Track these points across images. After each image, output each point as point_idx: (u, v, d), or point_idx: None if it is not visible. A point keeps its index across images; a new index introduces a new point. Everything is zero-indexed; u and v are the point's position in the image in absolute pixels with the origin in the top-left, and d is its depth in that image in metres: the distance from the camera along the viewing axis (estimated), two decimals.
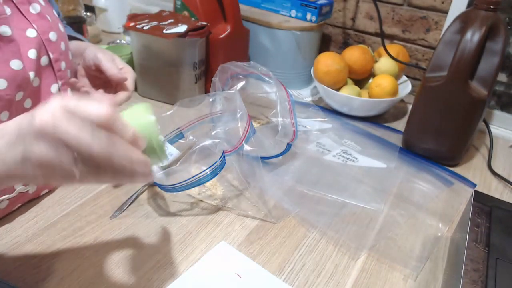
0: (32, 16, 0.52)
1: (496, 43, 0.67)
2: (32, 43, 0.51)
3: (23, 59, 0.49)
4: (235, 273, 0.52)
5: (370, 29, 1.05)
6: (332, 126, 0.87)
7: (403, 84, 0.94)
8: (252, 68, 0.73)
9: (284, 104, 0.72)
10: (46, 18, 0.54)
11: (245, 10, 1.02)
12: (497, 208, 0.55)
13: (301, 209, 0.64)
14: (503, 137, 0.89)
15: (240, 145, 0.61)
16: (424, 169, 0.76)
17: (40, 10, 0.54)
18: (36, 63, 0.52)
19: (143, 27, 0.83)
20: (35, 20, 0.53)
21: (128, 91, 0.62)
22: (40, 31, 0.53)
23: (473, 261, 0.47)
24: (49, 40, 0.54)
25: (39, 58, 0.53)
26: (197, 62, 0.88)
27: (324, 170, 0.73)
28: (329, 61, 0.88)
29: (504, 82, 0.90)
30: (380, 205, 0.66)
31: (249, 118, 0.64)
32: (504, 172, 0.78)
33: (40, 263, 0.51)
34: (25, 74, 0.50)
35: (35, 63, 0.51)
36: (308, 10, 0.97)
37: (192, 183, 0.57)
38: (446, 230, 0.63)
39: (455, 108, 0.71)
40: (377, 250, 0.58)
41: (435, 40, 0.97)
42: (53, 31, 0.55)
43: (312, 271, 0.54)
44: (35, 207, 0.60)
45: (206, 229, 0.59)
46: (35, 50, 0.51)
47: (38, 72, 0.53)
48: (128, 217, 0.60)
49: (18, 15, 0.51)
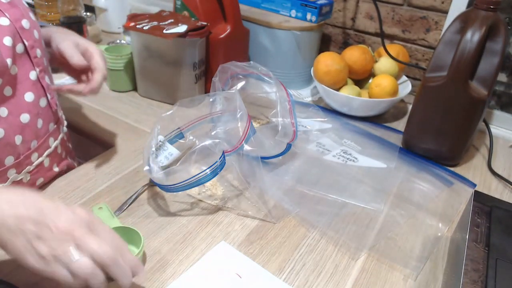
0: (3, 5, 0.53)
1: (496, 43, 0.67)
2: (6, 31, 0.52)
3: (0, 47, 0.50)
4: (235, 273, 0.52)
5: (370, 29, 1.05)
6: (332, 126, 0.87)
7: (403, 84, 0.94)
8: (252, 68, 0.73)
9: (284, 104, 0.72)
10: (17, 6, 0.55)
11: (245, 10, 1.02)
12: (497, 208, 0.55)
13: (301, 209, 0.64)
14: (503, 137, 0.89)
15: (240, 145, 0.61)
16: (424, 169, 0.76)
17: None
18: (12, 51, 0.53)
19: (143, 27, 0.83)
20: (7, 9, 0.54)
21: (99, 70, 0.62)
22: (13, 19, 0.54)
23: (473, 261, 0.47)
24: (22, 27, 0.55)
25: (14, 46, 0.54)
26: (197, 62, 0.88)
27: (324, 170, 0.73)
28: (329, 61, 0.88)
29: (504, 82, 0.90)
30: (380, 205, 0.66)
31: (249, 118, 0.64)
32: (504, 172, 0.78)
33: None
34: (3, 61, 0.51)
35: (11, 50, 0.53)
36: (308, 10, 0.97)
37: (192, 183, 0.57)
38: (446, 230, 0.63)
39: (455, 108, 0.71)
40: (377, 250, 0.58)
41: (435, 40, 0.97)
42: (25, 19, 0.56)
43: (312, 271, 0.54)
44: None
45: (206, 229, 0.59)
46: (10, 37, 0.53)
47: (14, 59, 0.54)
48: (128, 217, 0.60)
49: None
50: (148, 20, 0.86)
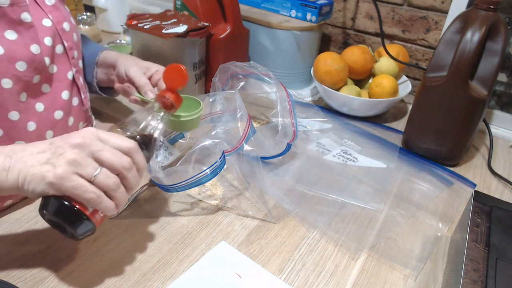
0: (47, 7, 0.58)
1: (496, 43, 0.67)
2: (48, 32, 0.56)
3: (40, 45, 0.54)
4: (235, 273, 0.52)
5: (370, 29, 1.05)
6: (332, 126, 0.87)
7: (403, 84, 0.94)
8: (252, 68, 0.73)
9: (284, 104, 0.72)
10: (60, 10, 0.60)
11: (245, 10, 1.02)
12: (497, 208, 0.55)
13: (301, 209, 0.64)
14: (503, 137, 0.90)
15: (240, 145, 0.61)
16: (424, 169, 0.76)
17: (55, 2, 0.59)
18: (51, 50, 0.57)
19: (144, 26, 0.83)
20: (51, 11, 0.58)
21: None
22: (55, 21, 0.58)
23: (473, 261, 0.47)
24: (63, 29, 0.60)
25: (54, 46, 0.58)
26: (197, 62, 0.88)
27: (324, 170, 0.73)
28: (329, 61, 0.88)
29: (504, 82, 0.90)
30: (380, 205, 0.66)
31: (249, 118, 0.64)
32: (504, 172, 0.78)
33: (40, 263, 0.51)
34: (42, 58, 0.55)
35: (50, 50, 0.57)
36: (308, 10, 0.97)
37: (192, 183, 0.57)
38: (446, 230, 0.63)
39: (455, 108, 0.71)
40: (377, 250, 0.58)
41: (435, 40, 0.97)
42: (66, 22, 0.60)
43: (312, 271, 0.54)
44: (35, 207, 0.60)
45: (206, 229, 0.59)
46: (50, 38, 0.57)
47: (53, 58, 0.58)
48: (128, 217, 0.60)
49: (35, 6, 0.56)
50: (151, 19, 0.86)
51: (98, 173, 0.43)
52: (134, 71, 0.66)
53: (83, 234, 0.46)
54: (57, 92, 0.59)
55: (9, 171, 0.42)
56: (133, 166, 0.46)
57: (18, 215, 0.58)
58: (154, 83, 0.66)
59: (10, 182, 0.41)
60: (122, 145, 0.45)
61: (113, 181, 0.44)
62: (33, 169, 0.41)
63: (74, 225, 0.44)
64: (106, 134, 0.45)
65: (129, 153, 0.45)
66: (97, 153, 0.43)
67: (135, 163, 0.46)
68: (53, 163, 0.42)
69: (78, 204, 0.43)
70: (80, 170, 0.42)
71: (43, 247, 0.54)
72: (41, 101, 0.57)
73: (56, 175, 0.41)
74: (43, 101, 0.58)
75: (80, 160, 0.42)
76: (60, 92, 0.60)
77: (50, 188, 0.42)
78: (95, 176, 0.42)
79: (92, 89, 0.74)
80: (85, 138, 0.43)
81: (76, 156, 0.42)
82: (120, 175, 0.45)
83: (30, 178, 0.41)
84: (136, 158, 0.46)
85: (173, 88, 0.55)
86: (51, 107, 0.59)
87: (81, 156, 0.42)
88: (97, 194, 0.43)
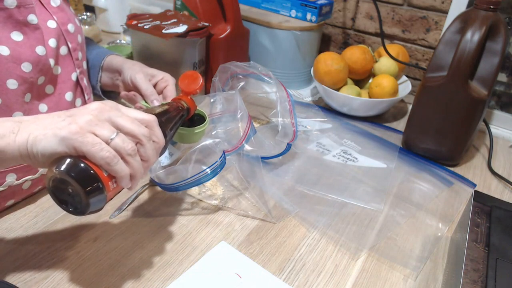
0: (52, 9, 0.58)
1: (496, 43, 0.67)
2: (52, 33, 0.57)
3: (45, 46, 0.55)
4: (235, 273, 0.52)
5: (370, 29, 1.05)
6: (332, 126, 0.87)
7: (403, 84, 0.94)
8: (252, 68, 0.73)
9: (284, 104, 0.72)
10: (65, 11, 0.60)
11: (245, 10, 1.02)
12: (497, 208, 0.55)
13: (301, 209, 0.64)
14: (503, 137, 0.90)
15: (240, 145, 0.61)
16: (424, 169, 0.76)
17: (60, 4, 0.59)
18: (56, 52, 0.57)
19: (144, 26, 0.83)
20: (56, 12, 0.58)
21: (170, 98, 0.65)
22: (60, 22, 0.59)
23: (473, 261, 0.47)
24: (67, 31, 0.60)
25: (58, 48, 0.58)
26: (197, 62, 0.88)
27: (324, 170, 0.73)
28: (329, 61, 0.88)
29: (504, 82, 0.90)
30: (380, 205, 0.66)
31: (249, 118, 0.64)
32: (504, 172, 0.78)
33: (40, 263, 0.51)
34: (46, 60, 0.55)
35: (55, 51, 0.57)
36: (308, 10, 0.97)
37: (192, 182, 0.57)
38: (446, 230, 0.63)
39: (455, 108, 0.71)
40: (377, 250, 0.58)
41: (435, 40, 0.97)
42: (71, 23, 0.60)
43: (312, 271, 0.54)
44: (35, 207, 0.60)
45: (206, 229, 0.59)
46: (54, 39, 0.57)
47: (57, 60, 0.58)
48: (128, 217, 0.60)
49: (40, 7, 0.56)
50: (151, 19, 0.86)
51: (115, 136, 0.40)
52: (140, 78, 0.65)
53: (93, 205, 0.41)
54: (61, 93, 0.60)
55: (18, 133, 0.40)
56: (152, 138, 0.44)
57: (18, 215, 0.58)
58: (159, 91, 0.66)
59: (17, 144, 0.39)
60: (142, 116, 0.44)
61: (130, 145, 0.41)
62: (45, 130, 0.39)
63: (87, 188, 0.39)
64: (126, 108, 0.44)
65: (149, 125, 0.44)
66: (115, 118, 0.41)
67: (154, 135, 0.44)
68: (68, 122, 0.39)
69: (94, 168, 0.40)
70: (96, 131, 0.40)
71: (43, 247, 0.54)
72: (45, 102, 0.58)
73: (70, 130, 0.39)
74: (47, 102, 0.58)
75: (97, 122, 0.40)
76: (64, 93, 0.60)
77: (63, 144, 0.39)
78: (111, 139, 0.40)
79: (95, 92, 0.74)
80: (105, 104, 0.42)
81: (93, 118, 0.40)
82: (138, 144, 0.43)
83: (41, 137, 0.39)
84: (155, 130, 0.45)
85: (190, 93, 0.57)
86: (54, 108, 0.59)
87: (98, 118, 0.40)
88: (113, 154, 0.40)
